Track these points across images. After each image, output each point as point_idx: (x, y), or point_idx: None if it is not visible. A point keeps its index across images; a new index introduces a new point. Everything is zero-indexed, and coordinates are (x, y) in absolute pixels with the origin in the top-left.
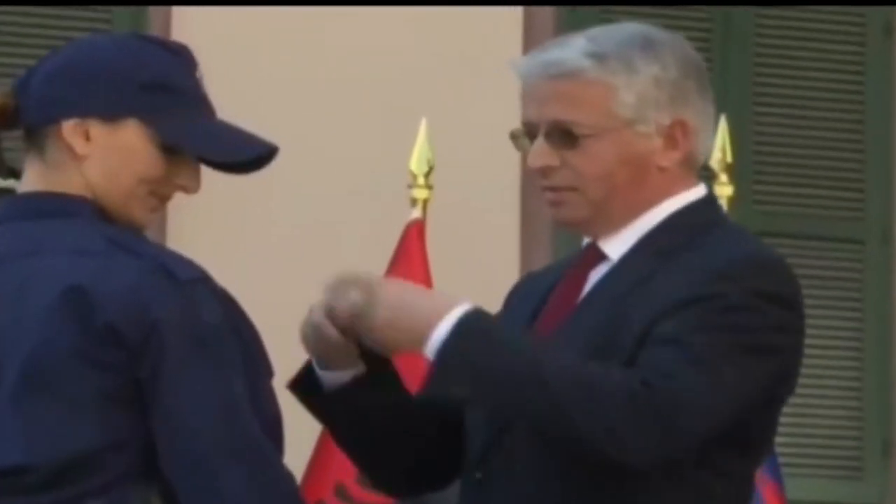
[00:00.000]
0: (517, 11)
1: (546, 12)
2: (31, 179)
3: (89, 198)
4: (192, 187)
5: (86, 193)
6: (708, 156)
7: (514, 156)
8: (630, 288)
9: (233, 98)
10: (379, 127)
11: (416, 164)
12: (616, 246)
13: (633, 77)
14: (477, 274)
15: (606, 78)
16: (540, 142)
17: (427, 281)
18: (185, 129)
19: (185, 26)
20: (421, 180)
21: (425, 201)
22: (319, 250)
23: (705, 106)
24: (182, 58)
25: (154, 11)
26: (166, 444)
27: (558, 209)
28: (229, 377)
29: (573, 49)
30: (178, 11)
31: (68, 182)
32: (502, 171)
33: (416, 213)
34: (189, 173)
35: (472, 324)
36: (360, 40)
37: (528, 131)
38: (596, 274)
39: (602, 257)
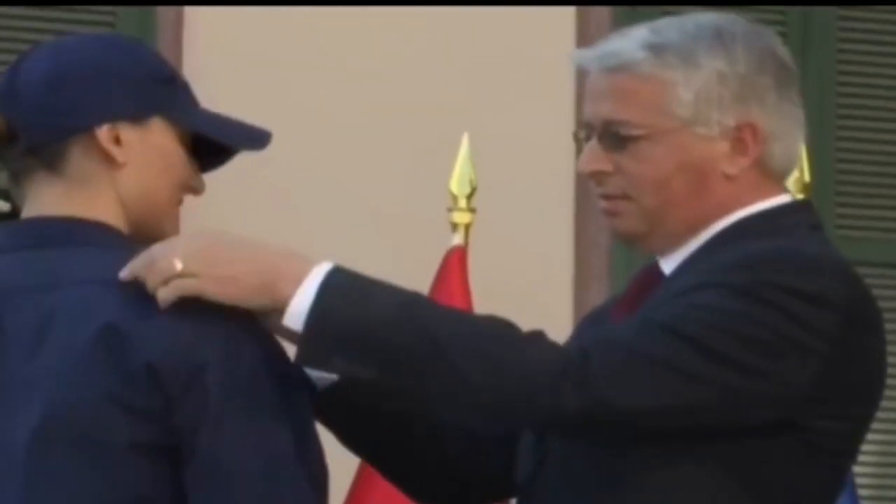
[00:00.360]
0: (569, 12)
1: (602, 13)
2: (45, 202)
3: (111, 222)
4: (201, 187)
5: (115, 211)
6: (792, 166)
7: (567, 174)
8: (652, 306)
9: (247, 110)
10: (414, 142)
11: (457, 184)
12: (674, 262)
13: (693, 71)
14: (525, 308)
15: (662, 72)
16: (592, 144)
17: (468, 307)
18: (204, 119)
19: (197, 27)
20: (462, 202)
21: (467, 226)
22: None
23: (786, 108)
24: (154, 49)
25: (163, 11)
26: (204, 501)
27: (612, 220)
28: (276, 428)
29: (632, 40)
30: (189, 11)
31: (97, 200)
32: (554, 191)
33: (457, 240)
34: (196, 173)
35: (340, 282)
36: (391, 44)
37: (587, 133)
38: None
39: (661, 276)
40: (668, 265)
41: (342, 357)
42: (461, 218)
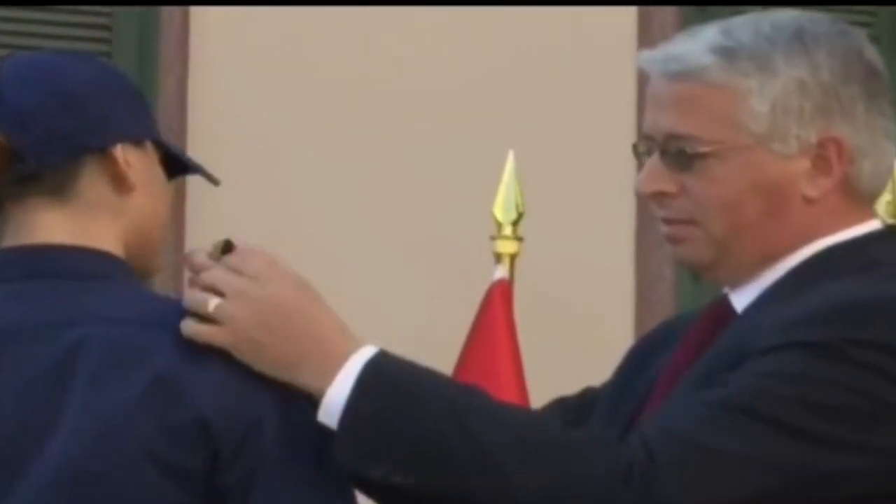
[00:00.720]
0: (629, 12)
1: (666, 14)
2: (43, 229)
3: (114, 252)
4: None
5: (116, 241)
6: (882, 187)
7: (627, 197)
8: (724, 355)
9: (261, 121)
10: (453, 162)
11: (502, 209)
12: (746, 298)
13: (770, 80)
14: (578, 350)
15: (734, 80)
16: (653, 161)
17: (514, 358)
18: (174, 147)
19: (206, 28)
20: (507, 230)
21: (513, 256)
22: (381, 319)
23: (876, 120)
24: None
25: (167, 12)
26: None
27: (676, 247)
28: (331, 493)
29: (699, 42)
30: (196, 12)
31: (101, 228)
32: (612, 216)
33: (501, 272)
34: None
35: (380, 376)
36: (424, 47)
37: (648, 146)
38: (720, 335)
39: (732, 313)
40: (739, 300)
41: (379, 463)
42: (506, 247)
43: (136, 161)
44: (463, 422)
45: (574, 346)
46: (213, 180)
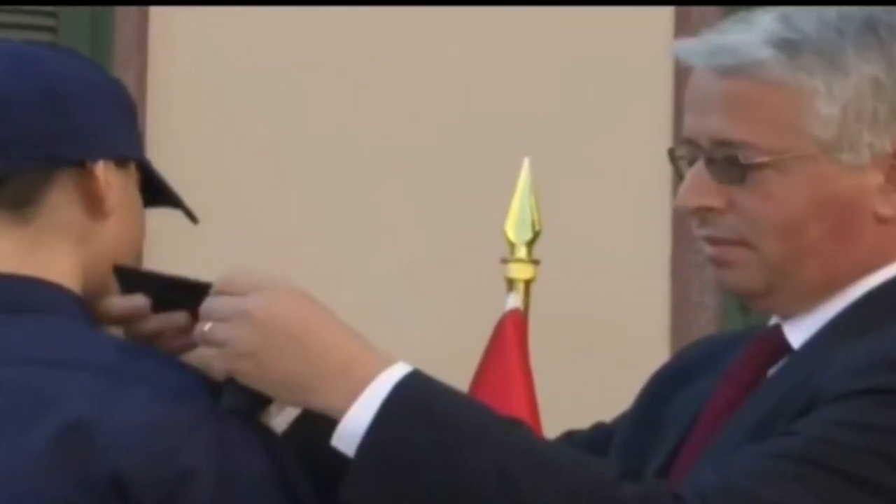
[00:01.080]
0: (666, 12)
1: (705, 14)
2: None
3: (67, 285)
4: None
5: (75, 272)
6: None
7: (660, 213)
8: (784, 399)
9: (233, 136)
10: (460, 173)
11: (515, 227)
12: (804, 331)
13: (840, 78)
14: (603, 391)
15: (797, 78)
16: (698, 170)
17: (528, 397)
18: (158, 174)
19: (166, 31)
20: (521, 251)
21: (528, 282)
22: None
23: None
24: None
25: (122, 13)
26: None
27: (722, 272)
28: None
29: (755, 32)
30: (156, 13)
31: (61, 255)
32: (643, 236)
33: (514, 300)
34: None
35: (412, 400)
36: (422, 44)
37: (690, 153)
38: (774, 373)
39: (786, 348)
40: (795, 334)
41: (397, 499)
42: (520, 272)
43: (116, 183)
44: (505, 466)
45: (598, 387)
46: (193, 218)
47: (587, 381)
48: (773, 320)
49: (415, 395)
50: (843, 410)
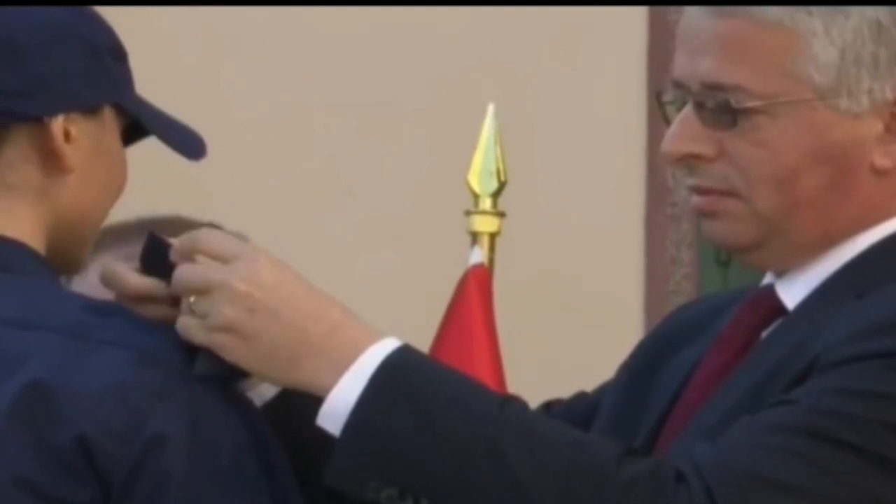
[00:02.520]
0: None
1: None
2: None
3: (30, 243)
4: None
5: (35, 230)
6: None
7: (634, 162)
8: (779, 363)
9: (210, 95)
10: (421, 122)
11: (478, 177)
12: (798, 291)
13: (839, 19)
14: (572, 351)
15: (794, 18)
16: (686, 115)
17: (492, 359)
18: (149, 111)
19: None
20: (486, 203)
21: (493, 236)
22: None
23: None
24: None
25: None
26: None
27: (709, 223)
28: None
29: None
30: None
31: (19, 213)
32: (615, 185)
33: (478, 255)
34: None
35: (400, 377)
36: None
37: (678, 97)
38: (769, 334)
39: (779, 309)
40: (788, 293)
41: (386, 483)
42: (484, 224)
43: (82, 135)
44: (497, 446)
45: (567, 346)
46: (189, 153)
47: (555, 341)
48: (763, 280)
49: (402, 372)
50: (844, 377)
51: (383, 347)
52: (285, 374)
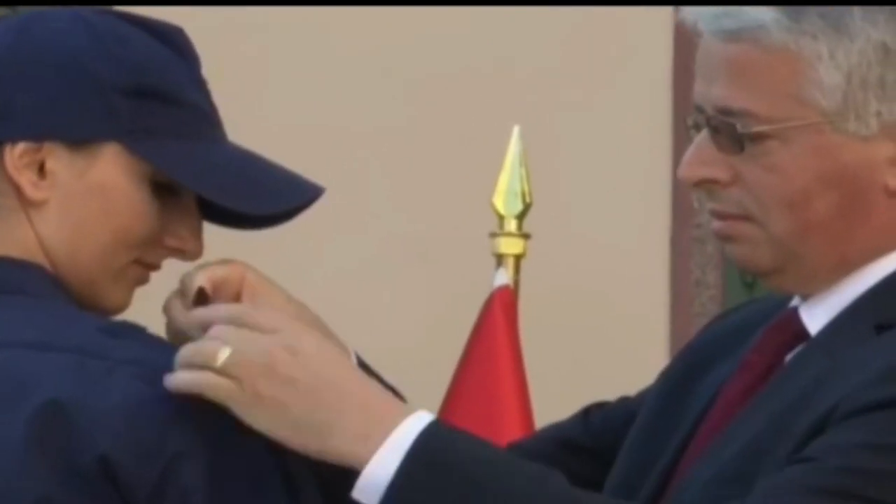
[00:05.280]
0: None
1: None
2: None
3: (42, 263)
4: (191, 248)
5: (36, 250)
6: None
7: (660, 185)
8: (800, 402)
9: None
10: (447, 144)
11: (503, 199)
12: (820, 317)
13: (844, 43)
14: (597, 374)
15: (798, 42)
16: (701, 140)
17: (517, 380)
18: (190, 157)
19: None
20: (511, 225)
21: (517, 258)
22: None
23: None
24: (178, 47)
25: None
26: None
27: (731, 248)
28: None
29: None
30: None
31: (12, 234)
32: (641, 208)
33: (503, 277)
34: (188, 227)
35: (437, 452)
36: (398, 14)
37: (697, 120)
38: (790, 362)
39: (803, 333)
40: (811, 317)
41: None
42: (509, 247)
43: (60, 168)
44: None
45: (592, 369)
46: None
47: (580, 364)
48: (791, 302)
49: (438, 447)
50: (868, 430)
51: (417, 421)
52: (318, 442)
